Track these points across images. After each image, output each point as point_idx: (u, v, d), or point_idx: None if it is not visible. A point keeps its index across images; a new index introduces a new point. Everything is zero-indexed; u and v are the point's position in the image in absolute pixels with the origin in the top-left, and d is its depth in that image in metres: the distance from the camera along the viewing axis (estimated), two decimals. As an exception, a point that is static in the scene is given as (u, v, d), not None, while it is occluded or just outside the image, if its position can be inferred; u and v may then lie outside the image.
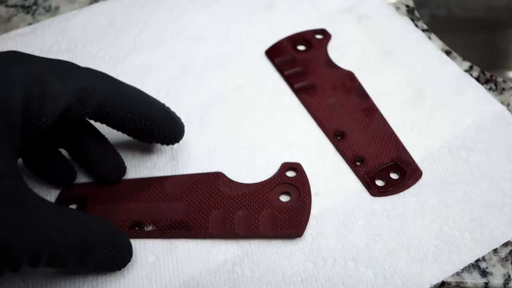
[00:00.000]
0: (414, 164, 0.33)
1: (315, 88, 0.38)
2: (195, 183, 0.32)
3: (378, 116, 0.36)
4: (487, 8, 0.54)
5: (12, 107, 0.23)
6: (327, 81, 0.38)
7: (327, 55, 0.40)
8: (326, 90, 0.38)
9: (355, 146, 0.34)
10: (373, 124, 0.36)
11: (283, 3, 0.46)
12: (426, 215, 0.32)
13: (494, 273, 0.30)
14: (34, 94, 0.24)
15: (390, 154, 0.34)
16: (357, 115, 0.36)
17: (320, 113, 0.36)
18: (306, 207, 0.31)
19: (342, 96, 0.37)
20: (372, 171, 0.33)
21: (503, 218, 0.31)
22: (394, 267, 0.29)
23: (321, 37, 0.42)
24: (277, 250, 0.30)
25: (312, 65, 0.40)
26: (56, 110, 0.25)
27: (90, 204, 0.32)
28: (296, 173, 0.33)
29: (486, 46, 0.54)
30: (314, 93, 0.38)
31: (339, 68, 0.39)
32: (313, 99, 0.37)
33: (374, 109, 0.37)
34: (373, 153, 0.34)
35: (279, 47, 0.41)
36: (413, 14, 0.46)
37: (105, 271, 0.29)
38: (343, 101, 0.37)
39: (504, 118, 0.36)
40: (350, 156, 0.34)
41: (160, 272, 0.29)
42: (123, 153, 0.35)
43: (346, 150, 0.34)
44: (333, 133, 0.35)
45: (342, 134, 0.35)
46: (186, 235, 0.30)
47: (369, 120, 0.36)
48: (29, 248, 0.21)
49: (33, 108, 0.24)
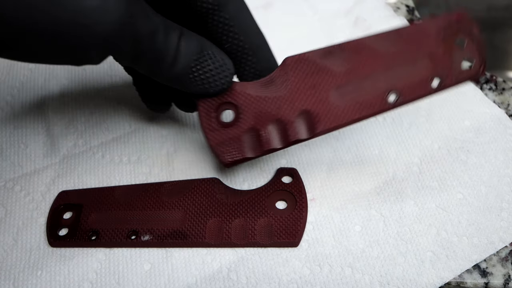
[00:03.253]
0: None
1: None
2: (191, 189, 0.32)
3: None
4: (487, 8, 0.54)
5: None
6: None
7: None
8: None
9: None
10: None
11: (281, 4, 0.45)
12: (424, 219, 0.31)
13: (494, 273, 0.30)
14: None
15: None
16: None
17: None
18: (302, 216, 0.31)
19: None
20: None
21: (501, 223, 0.31)
22: (391, 273, 0.29)
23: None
24: (273, 257, 0.30)
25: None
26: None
27: (85, 211, 0.31)
28: (292, 179, 0.33)
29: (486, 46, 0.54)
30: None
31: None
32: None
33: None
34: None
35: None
36: (413, 14, 0.45)
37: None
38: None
39: (502, 121, 0.36)
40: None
41: (156, 280, 0.29)
42: (118, 160, 0.35)
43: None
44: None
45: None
46: (182, 244, 0.30)
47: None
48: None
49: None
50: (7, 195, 0.33)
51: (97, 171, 0.34)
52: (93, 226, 0.31)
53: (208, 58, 0.26)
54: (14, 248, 0.31)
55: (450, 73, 0.28)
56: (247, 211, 0.31)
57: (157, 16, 0.25)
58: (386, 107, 0.28)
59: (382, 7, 0.44)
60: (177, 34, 0.25)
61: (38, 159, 0.35)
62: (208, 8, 0.26)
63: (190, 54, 0.25)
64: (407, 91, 0.28)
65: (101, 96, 0.38)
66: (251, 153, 0.29)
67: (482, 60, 0.28)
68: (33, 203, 0.33)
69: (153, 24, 0.24)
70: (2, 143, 0.36)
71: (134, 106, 0.38)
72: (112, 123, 0.37)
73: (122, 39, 0.23)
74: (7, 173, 0.34)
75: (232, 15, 0.26)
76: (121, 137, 0.36)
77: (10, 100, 0.38)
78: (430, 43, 0.28)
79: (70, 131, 0.36)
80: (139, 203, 0.32)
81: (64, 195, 0.32)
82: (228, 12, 0.26)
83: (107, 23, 0.22)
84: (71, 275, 0.30)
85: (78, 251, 0.30)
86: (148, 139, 0.36)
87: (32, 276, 0.30)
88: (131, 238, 0.30)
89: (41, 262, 0.30)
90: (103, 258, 0.30)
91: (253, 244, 0.30)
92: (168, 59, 0.25)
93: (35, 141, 0.36)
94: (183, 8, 0.26)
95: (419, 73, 0.28)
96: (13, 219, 0.32)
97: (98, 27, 0.22)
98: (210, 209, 0.31)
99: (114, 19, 0.22)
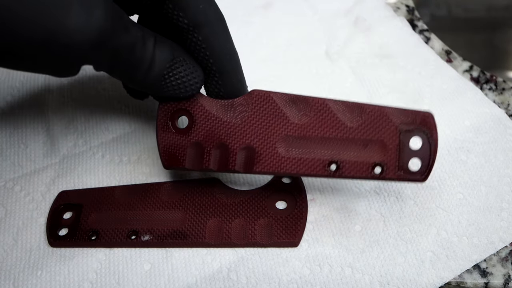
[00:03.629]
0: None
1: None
2: (191, 189, 0.32)
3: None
4: (487, 8, 0.54)
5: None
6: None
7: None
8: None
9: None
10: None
11: (281, 4, 0.45)
12: (424, 219, 0.31)
13: (494, 273, 0.30)
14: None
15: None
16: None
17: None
18: (302, 216, 0.31)
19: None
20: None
21: (501, 223, 0.31)
22: (390, 273, 0.29)
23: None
24: (273, 257, 0.30)
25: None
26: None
27: (85, 211, 0.31)
28: (292, 179, 0.33)
29: (486, 46, 0.54)
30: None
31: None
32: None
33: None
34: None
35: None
36: (413, 14, 0.45)
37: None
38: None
39: (502, 121, 0.36)
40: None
41: (156, 280, 0.29)
42: (118, 160, 0.35)
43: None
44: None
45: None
46: (182, 244, 0.30)
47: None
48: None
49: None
50: (7, 195, 0.33)
51: (97, 171, 0.34)
52: (93, 226, 0.31)
53: (180, 66, 0.27)
54: (14, 248, 0.31)
55: (394, 168, 0.28)
56: (247, 211, 0.31)
57: (135, 27, 0.25)
58: (324, 174, 0.29)
59: (382, 7, 0.44)
60: (152, 42, 0.26)
61: (38, 159, 0.35)
62: (183, 28, 0.27)
63: (164, 61, 0.27)
64: (348, 168, 0.29)
65: (101, 96, 0.38)
66: (189, 166, 0.30)
67: (429, 167, 0.28)
68: (33, 203, 0.33)
69: (132, 37, 0.25)
70: (2, 143, 0.36)
71: (134, 106, 0.38)
72: (112, 123, 0.37)
73: (103, 53, 0.24)
74: (7, 173, 0.34)
75: (205, 38, 0.27)
76: (121, 137, 0.36)
77: (10, 100, 0.38)
78: (387, 131, 0.29)
79: (70, 131, 0.36)
80: (139, 203, 0.32)
81: (64, 195, 0.32)
82: (202, 34, 0.27)
83: (90, 40, 0.23)
84: (71, 275, 0.30)
85: (78, 251, 0.30)
86: (148, 139, 0.36)
87: (32, 276, 0.30)
88: (131, 238, 0.30)
89: (41, 262, 0.30)
90: (103, 258, 0.30)
91: (253, 244, 0.30)
92: (143, 68, 0.26)
93: (35, 141, 0.36)
94: (161, 23, 0.28)
95: (366, 156, 0.29)
96: (13, 219, 0.32)
97: (81, 45, 0.23)
98: (210, 209, 0.31)
99: (96, 36, 0.23)
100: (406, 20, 0.44)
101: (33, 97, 0.38)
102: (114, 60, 0.25)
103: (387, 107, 0.29)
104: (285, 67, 0.40)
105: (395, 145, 0.28)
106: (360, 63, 0.40)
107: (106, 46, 0.24)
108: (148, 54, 0.26)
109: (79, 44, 0.22)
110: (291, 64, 0.41)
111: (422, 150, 0.28)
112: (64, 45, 0.22)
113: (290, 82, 0.39)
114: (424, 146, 0.28)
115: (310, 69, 0.40)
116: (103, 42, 0.23)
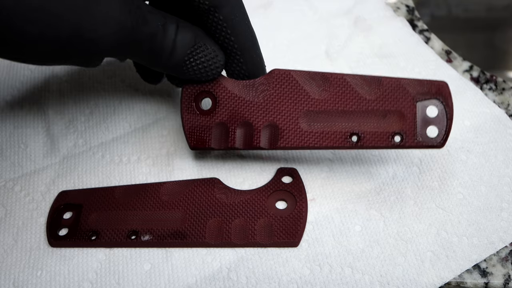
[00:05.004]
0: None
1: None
2: (191, 189, 0.32)
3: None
4: (487, 8, 0.54)
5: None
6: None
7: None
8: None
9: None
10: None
11: (281, 3, 0.45)
12: (424, 219, 0.31)
13: (494, 273, 0.30)
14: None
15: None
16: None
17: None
18: (302, 216, 0.31)
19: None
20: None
21: (501, 223, 0.31)
22: (390, 273, 0.29)
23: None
24: (273, 257, 0.30)
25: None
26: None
27: (85, 211, 0.31)
28: (292, 179, 0.33)
29: (486, 46, 0.54)
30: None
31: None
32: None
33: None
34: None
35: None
36: (413, 14, 0.45)
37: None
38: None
39: (502, 121, 0.36)
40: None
41: (156, 280, 0.29)
42: (118, 160, 0.35)
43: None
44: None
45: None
46: (182, 244, 0.30)
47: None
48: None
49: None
50: (7, 195, 0.33)
51: (97, 171, 0.34)
52: (93, 226, 0.31)
53: (201, 51, 0.28)
54: (14, 248, 0.31)
55: (413, 136, 0.30)
56: (247, 211, 0.31)
57: (155, 16, 0.26)
58: (346, 146, 0.30)
59: (382, 7, 0.44)
60: (174, 28, 0.27)
61: (38, 159, 0.35)
62: (204, 9, 0.28)
63: (185, 47, 0.28)
64: (369, 138, 0.30)
65: (101, 96, 0.38)
66: (215, 145, 0.31)
67: (446, 134, 0.29)
68: (33, 203, 0.33)
69: (151, 28, 0.26)
70: (2, 143, 0.36)
71: (134, 106, 0.38)
72: (112, 123, 0.37)
73: (124, 45, 0.25)
74: (7, 173, 0.34)
75: (226, 17, 0.28)
76: (121, 137, 0.36)
77: (10, 100, 0.38)
78: (404, 101, 0.30)
79: (70, 131, 0.36)
80: (139, 203, 0.32)
81: (64, 195, 0.32)
82: (223, 13, 0.28)
83: (111, 34, 0.24)
84: (71, 275, 0.30)
85: (78, 251, 0.30)
86: (148, 139, 0.36)
87: (32, 276, 0.30)
88: (131, 238, 0.30)
89: (41, 262, 0.30)
90: (103, 258, 0.30)
91: (253, 244, 0.30)
92: (165, 54, 0.27)
93: (35, 141, 0.36)
94: (183, 6, 0.29)
95: (385, 126, 0.30)
96: (13, 219, 0.32)
97: (103, 39, 0.24)
98: (210, 209, 0.31)
99: (117, 30, 0.24)
100: (406, 20, 0.44)
101: (33, 97, 0.38)
102: (135, 50, 0.26)
103: (404, 78, 0.30)
104: (285, 67, 0.40)
105: (413, 114, 0.30)
106: (360, 63, 0.40)
107: (127, 39, 0.25)
108: (169, 41, 0.27)
109: (101, 39, 0.24)
110: (291, 64, 0.41)
111: (438, 118, 0.29)
112: (88, 40, 0.24)
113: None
114: (440, 114, 0.29)
115: (310, 69, 0.40)
116: (124, 36, 0.25)
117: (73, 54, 0.25)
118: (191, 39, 0.28)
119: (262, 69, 0.31)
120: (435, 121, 0.30)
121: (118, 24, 0.24)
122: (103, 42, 0.24)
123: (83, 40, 0.24)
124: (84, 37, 0.23)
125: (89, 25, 0.23)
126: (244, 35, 0.29)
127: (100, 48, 0.25)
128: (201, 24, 0.29)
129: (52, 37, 0.23)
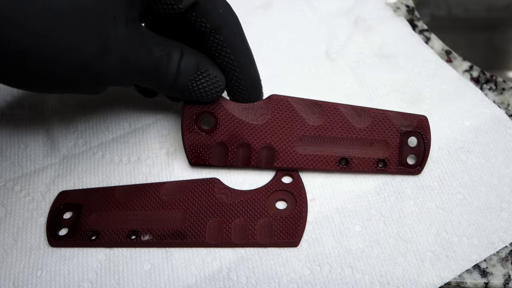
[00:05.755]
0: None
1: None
2: (191, 189, 0.32)
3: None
4: (487, 8, 0.54)
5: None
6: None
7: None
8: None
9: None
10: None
11: (281, 3, 0.45)
12: (424, 220, 0.31)
13: (494, 273, 0.30)
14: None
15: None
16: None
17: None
18: (302, 216, 0.31)
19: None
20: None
21: (501, 223, 0.31)
22: (390, 273, 0.29)
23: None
24: (273, 257, 0.30)
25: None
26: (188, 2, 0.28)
27: (85, 211, 0.31)
28: (292, 179, 0.33)
29: (486, 46, 0.54)
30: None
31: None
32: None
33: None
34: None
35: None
36: (413, 14, 0.45)
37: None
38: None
39: (502, 121, 0.36)
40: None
41: (156, 280, 0.29)
42: (118, 160, 0.35)
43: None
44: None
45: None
46: (182, 244, 0.30)
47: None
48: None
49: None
50: (7, 195, 0.33)
51: (97, 171, 0.34)
52: (93, 226, 0.31)
53: (203, 76, 0.30)
54: (14, 248, 0.31)
55: (395, 162, 0.33)
56: (247, 211, 0.31)
57: (160, 45, 0.28)
58: (336, 169, 0.33)
59: (382, 7, 0.44)
60: (178, 56, 0.28)
61: (38, 159, 0.35)
62: (205, 32, 0.29)
63: (188, 74, 0.29)
64: (357, 163, 0.33)
65: (101, 96, 0.38)
66: (215, 162, 0.33)
67: (423, 162, 0.33)
68: (33, 203, 0.33)
69: (156, 58, 0.27)
70: (2, 143, 0.36)
71: (134, 106, 0.38)
72: (112, 123, 0.37)
73: (129, 75, 0.27)
74: (7, 173, 0.34)
75: (226, 38, 0.30)
76: (121, 137, 0.36)
77: (10, 100, 0.38)
78: (390, 132, 0.33)
79: (70, 131, 0.36)
80: (139, 203, 0.32)
81: (64, 195, 0.32)
82: (223, 35, 0.29)
83: (111, 70, 0.25)
84: (71, 275, 0.30)
85: (78, 251, 0.30)
86: (148, 139, 0.36)
87: (32, 276, 0.30)
88: (131, 238, 0.30)
89: (41, 262, 0.30)
90: (103, 258, 0.30)
91: (253, 244, 0.30)
92: (169, 80, 0.29)
93: (35, 141, 0.36)
94: (185, 30, 0.30)
95: (371, 153, 0.33)
96: (13, 219, 0.32)
97: (109, 72, 0.25)
98: (210, 209, 0.31)
99: (123, 63, 0.26)
100: (406, 20, 0.44)
101: (33, 97, 0.38)
102: (140, 78, 0.28)
103: (389, 111, 0.33)
104: (285, 67, 0.40)
105: (396, 144, 0.33)
106: (360, 63, 0.40)
107: (130, 72, 0.27)
108: (173, 69, 0.28)
109: (108, 72, 0.25)
110: (291, 64, 0.41)
111: (417, 147, 0.33)
112: (95, 72, 0.25)
113: (290, 82, 0.39)
114: (420, 144, 0.33)
115: (310, 69, 0.40)
116: (125, 70, 0.26)
117: (83, 85, 0.26)
118: (194, 66, 0.29)
119: (258, 84, 0.33)
120: (414, 150, 0.33)
121: (124, 58, 0.25)
122: (110, 74, 0.25)
123: (91, 72, 0.25)
124: (93, 70, 0.24)
125: (98, 61, 0.24)
126: (243, 54, 0.31)
127: (108, 79, 0.26)
128: (202, 45, 0.30)
129: (64, 72, 0.24)
